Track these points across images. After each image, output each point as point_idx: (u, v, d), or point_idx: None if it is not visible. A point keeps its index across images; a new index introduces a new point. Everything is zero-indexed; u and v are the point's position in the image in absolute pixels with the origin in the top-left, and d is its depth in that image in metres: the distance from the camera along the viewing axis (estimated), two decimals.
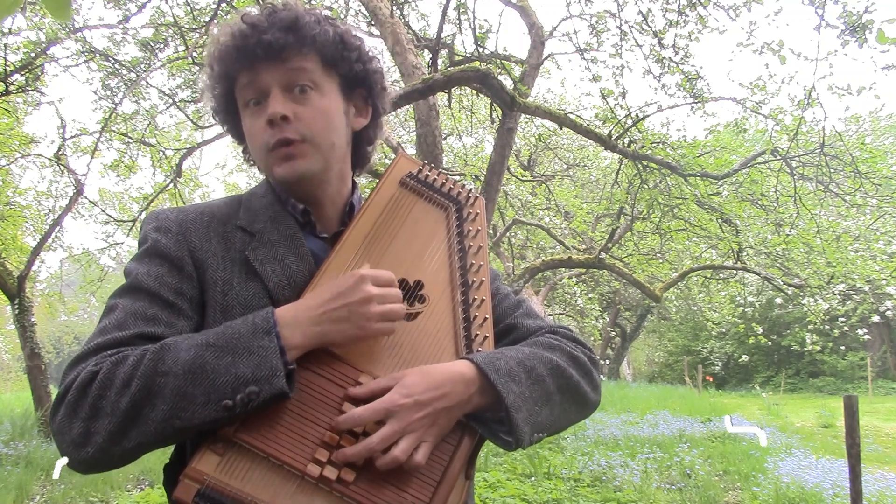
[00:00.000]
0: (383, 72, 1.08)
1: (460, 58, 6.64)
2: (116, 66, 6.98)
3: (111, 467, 0.83)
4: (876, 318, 10.86)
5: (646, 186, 7.34)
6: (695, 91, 6.09)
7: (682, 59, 5.98)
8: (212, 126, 9.21)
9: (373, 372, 0.89)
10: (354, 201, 1.07)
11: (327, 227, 1.05)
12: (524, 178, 10.92)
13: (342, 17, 6.98)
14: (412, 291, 0.98)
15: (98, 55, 6.91)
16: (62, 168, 8.59)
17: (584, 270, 13.73)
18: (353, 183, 1.11)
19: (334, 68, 1.01)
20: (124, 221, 9.15)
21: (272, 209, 1.02)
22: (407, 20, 6.49)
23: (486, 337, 0.97)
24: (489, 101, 6.53)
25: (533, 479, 6.12)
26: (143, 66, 6.91)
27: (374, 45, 1.02)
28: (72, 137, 8.39)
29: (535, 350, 0.98)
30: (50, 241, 9.02)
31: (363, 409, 0.83)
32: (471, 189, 1.11)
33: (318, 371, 0.88)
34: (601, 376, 1.10)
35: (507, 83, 5.83)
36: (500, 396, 0.88)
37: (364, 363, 0.90)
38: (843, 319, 10.99)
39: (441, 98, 7.18)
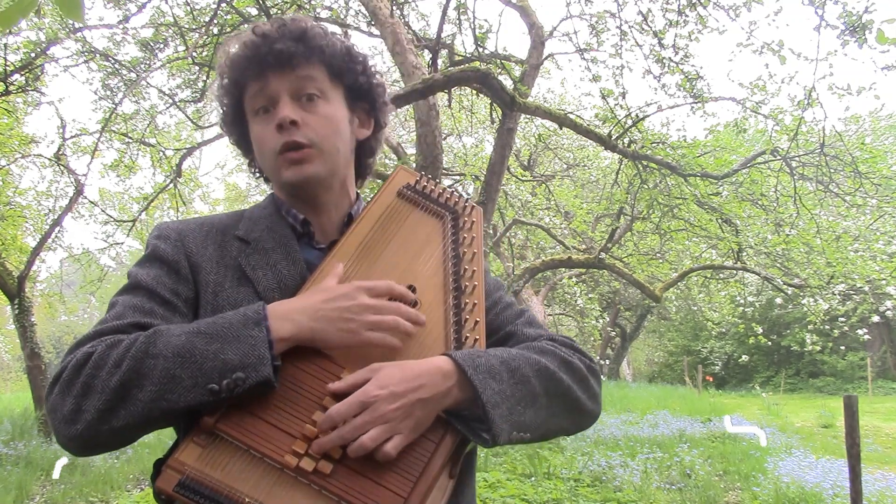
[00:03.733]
0: (386, 87, 1.14)
1: (460, 58, 6.65)
2: (116, 66, 6.98)
3: (100, 446, 0.86)
4: (876, 318, 10.86)
5: (646, 186, 7.34)
6: (695, 91, 6.09)
7: (682, 59, 5.98)
8: (212, 126, 9.22)
9: (356, 369, 0.90)
10: (353, 213, 1.10)
11: (326, 236, 1.08)
12: (524, 178, 10.92)
13: (342, 16, 6.98)
14: None
15: (98, 55, 6.91)
16: (62, 168, 8.59)
17: (584, 270, 13.73)
18: (357, 195, 1.14)
19: (340, 79, 1.06)
20: (124, 221, 9.15)
21: (270, 219, 1.07)
22: (407, 20, 6.49)
23: (476, 339, 0.97)
24: (489, 101, 6.53)
25: (533, 479, 6.12)
26: (143, 66, 6.92)
27: (374, 45, 1.05)
28: (72, 137, 8.40)
29: (523, 352, 0.98)
30: (50, 241, 9.02)
31: (340, 405, 0.84)
32: (468, 199, 1.13)
33: (301, 367, 0.89)
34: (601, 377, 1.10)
35: (507, 83, 5.84)
36: (476, 392, 0.88)
37: (349, 361, 0.91)
38: (843, 319, 10.98)
39: (441, 98, 7.18)
